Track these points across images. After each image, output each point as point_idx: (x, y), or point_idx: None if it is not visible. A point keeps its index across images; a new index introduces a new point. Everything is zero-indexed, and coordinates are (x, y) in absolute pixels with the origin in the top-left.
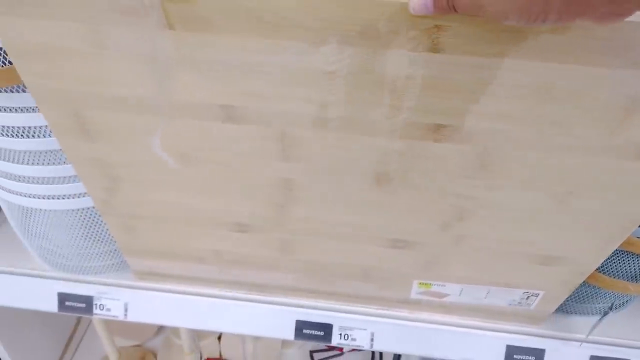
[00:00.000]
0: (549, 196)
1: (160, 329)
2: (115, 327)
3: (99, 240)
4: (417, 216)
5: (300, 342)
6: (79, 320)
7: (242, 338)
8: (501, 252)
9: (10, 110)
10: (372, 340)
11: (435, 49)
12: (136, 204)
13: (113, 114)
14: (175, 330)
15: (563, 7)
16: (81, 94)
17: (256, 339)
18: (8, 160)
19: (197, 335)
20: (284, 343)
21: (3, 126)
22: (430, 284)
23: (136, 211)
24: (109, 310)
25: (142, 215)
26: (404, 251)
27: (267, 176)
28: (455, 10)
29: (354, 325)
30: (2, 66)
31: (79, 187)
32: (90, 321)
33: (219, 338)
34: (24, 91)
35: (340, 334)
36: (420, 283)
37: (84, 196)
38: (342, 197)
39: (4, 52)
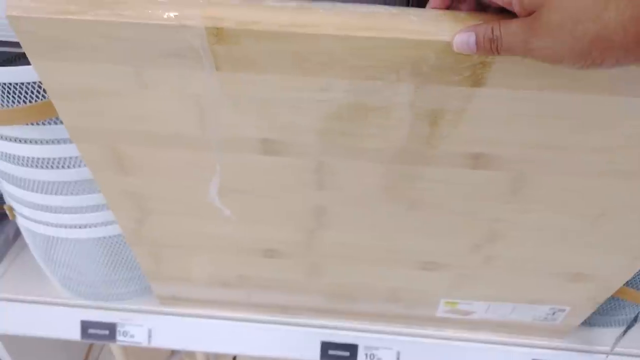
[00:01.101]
0: (581, 218)
1: (174, 351)
2: (129, 350)
3: (122, 267)
4: (449, 239)
5: None
6: (91, 344)
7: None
8: (529, 271)
9: (39, 142)
10: (397, 358)
11: (478, 83)
12: (165, 233)
13: (150, 150)
14: (190, 353)
15: (622, 53)
16: (119, 131)
17: None
18: (34, 191)
19: (212, 357)
20: None
21: (32, 157)
22: (457, 302)
23: (165, 240)
24: (132, 336)
25: (171, 244)
26: (433, 272)
27: (300, 204)
28: (499, 52)
29: (379, 344)
30: (36, 100)
31: (104, 215)
32: (103, 345)
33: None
34: (55, 123)
35: (366, 354)
36: (446, 302)
37: (108, 225)
38: (374, 221)
39: (37, 86)
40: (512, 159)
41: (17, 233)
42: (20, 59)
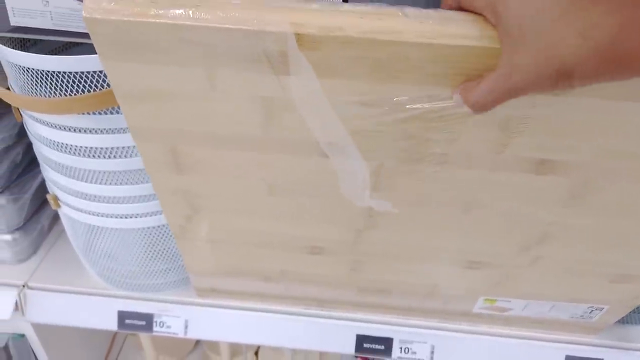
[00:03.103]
0: (635, 222)
1: (197, 344)
2: (155, 339)
3: (161, 258)
4: (499, 240)
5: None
6: (115, 334)
7: (280, 352)
8: (575, 271)
9: (89, 131)
10: (432, 352)
11: (554, 92)
12: (213, 230)
13: (209, 150)
14: (212, 346)
15: (589, 81)
16: (181, 132)
17: (294, 352)
18: (81, 180)
19: (233, 350)
20: (323, 356)
21: (82, 147)
22: (495, 299)
23: (212, 236)
24: (169, 327)
25: (217, 240)
26: (477, 271)
27: (353, 205)
28: (493, 106)
29: (414, 338)
30: (92, 90)
31: (147, 206)
32: (126, 337)
33: (256, 353)
34: (106, 113)
35: (401, 348)
36: (485, 299)
37: (151, 215)
38: (425, 223)
39: (92, 76)
40: (576, 165)
41: (52, 223)
42: (69, 48)
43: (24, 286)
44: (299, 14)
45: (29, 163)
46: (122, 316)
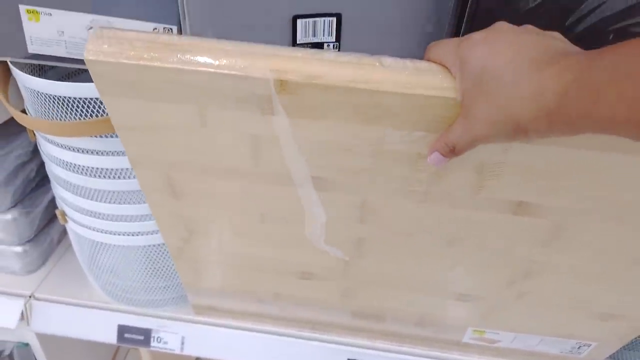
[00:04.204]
0: (616, 263)
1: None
2: (156, 354)
3: (161, 275)
4: (485, 274)
5: None
6: (118, 347)
7: None
8: (561, 307)
9: (96, 153)
10: None
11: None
12: (208, 252)
13: (203, 179)
14: None
15: (541, 135)
16: (176, 162)
17: None
18: (87, 198)
19: None
20: None
21: (89, 167)
22: (484, 331)
23: (208, 258)
24: (166, 343)
25: (213, 261)
26: (465, 303)
27: (341, 235)
28: (460, 154)
29: None
30: (99, 115)
31: (148, 225)
32: (129, 350)
33: None
34: (112, 136)
35: None
36: (474, 330)
37: (152, 234)
38: (412, 254)
39: (100, 102)
40: (552, 207)
41: (61, 237)
42: (79, 74)
43: (30, 297)
44: (283, 62)
45: (42, 178)
46: (122, 330)
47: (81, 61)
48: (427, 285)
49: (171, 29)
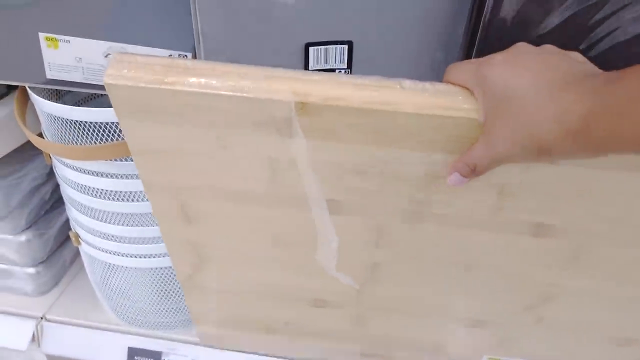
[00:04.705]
0: (636, 286)
1: None
2: None
3: (171, 297)
4: (502, 299)
5: None
6: None
7: None
8: (578, 333)
9: (109, 176)
10: None
11: (550, 160)
12: (218, 279)
13: (217, 204)
14: None
15: (565, 157)
16: (190, 187)
17: None
18: (100, 220)
19: None
20: None
21: (102, 189)
22: (499, 359)
23: (218, 285)
24: None
25: (223, 289)
26: (481, 330)
27: (356, 260)
28: (481, 174)
29: None
30: (113, 140)
31: (159, 247)
32: None
33: None
34: (126, 160)
35: None
36: (490, 358)
37: (163, 256)
38: (428, 279)
39: (115, 126)
40: (572, 229)
41: (73, 259)
42: (94, 99)
43: (42, 318)
44: (302, 84)
45: (56, 200)
46: (132, 353)
47: (98, 86)
48: (442, 310)
49: (186, 55)
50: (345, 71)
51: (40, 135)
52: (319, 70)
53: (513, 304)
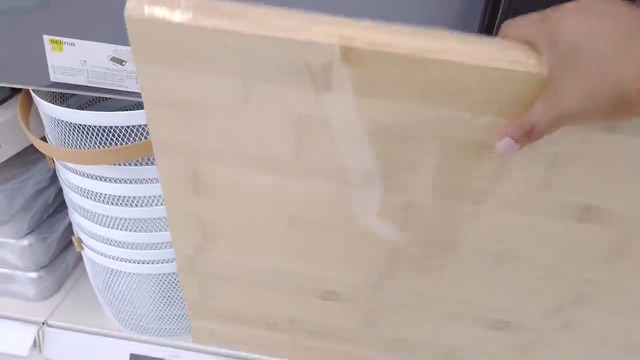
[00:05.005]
0: None
1: None
2: None
3: (174, 303)
4: (530, 297)
5: None
6: None
7: None
8: (608, 342)
9: (114, 181)
10: None
11: (611, 129)
12: (222, 263)
13: (234, 171)
14: None
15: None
16: (206, 148)
17: None
18: (103, 225)
19: None
20: None
21: (106, 194)
22: None
23: (219, 271)
24: None
25: (225, 276)
26: (501, 333)
27: (377, 244)
28: (539, 138)
29: None
30: (121, 143)
31: (163, 253)
32: None
33: None
34: (130, 164)
35: None
36: None
37: (166, 262)
38: (452, 271)
39: (124, 129)
40: (624, 214)
41: (76, 263)
42: (98, 102)
43: (43, 323)
44: (348, 28)
45: (60, 204)
46: (134, 359)
47: (102, 90)
48: (463, 309)
49: None
50: None
51: (44, 138)
52: None
53: (540, 303)
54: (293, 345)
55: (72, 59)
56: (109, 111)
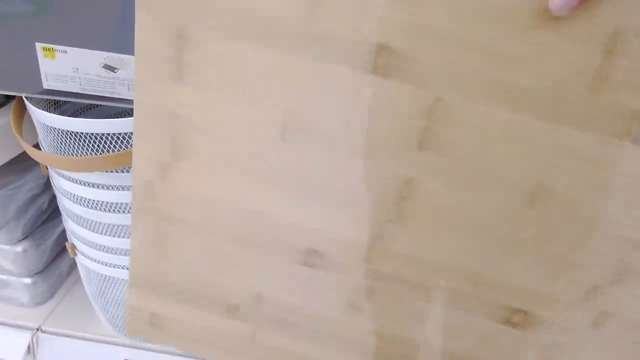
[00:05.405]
0: None
1: None
2: None
3: None
4: (560, 269)
5: None
6: None
7: None
8: None
9: (106, 187)
10: None
11: None
12: (186, 197)
13: (225, 36)
14: None
15: None
16: (200, 3)
17: None
18: (96, 232)
19: None
20: None
21: (98, 201)
22: None
23: (180, 211)
24: None
25: (186, 220)
26: (516, 332)
27: (386, 171)
28: None
29: None
30: (113, 150)
31: None
32: None
33: None
34: (122, 172)
35: None
36: None
37: None
38: (472, 220)
39: (116, 136)
40: None
41: (70, 270)
42: (91, 109)
43: (37, 329)
44: None
45: (53, 211)
46: None
47: (95, 97)
48: (472, 288)
49: None
50: None
51: (37, 145)
52: None
53: (574, 279)
54: (253, 344)
55: (65, 66)
56: (102, 118)
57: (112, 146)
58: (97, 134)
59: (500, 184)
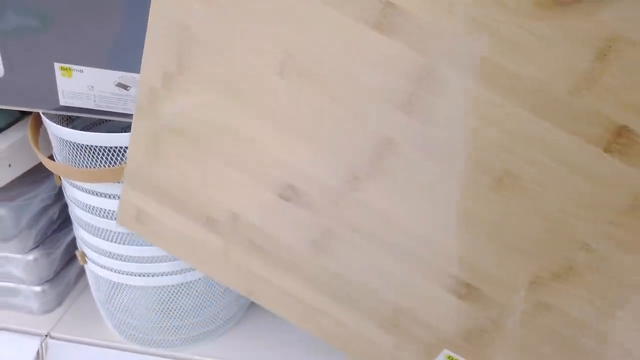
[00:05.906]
0: None
1: None
2: None
3: (174, 315)
4: (510, 254)
5: None
6: None
7: None
8: (582, 348)
9: (116, 197)
10: None
11: None
12: (186, 107)
13: None
14: None
15: None
16: None
17: None
18: (107, 239)
19: None
20: None
21: (109, 210)
22: None
23: (179, 121)
24: None
25: (183, 131)
26: (459, 302)
27: (363, 138)
28: None
29: None
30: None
31: (162, 266)
32: None
33: None
34: None
35: None
36: (448, 356)
37: (165, 275)
38: (439, 185)
39: (119, 150)
40: None
41: (78, 277)
42: (102, 123)
43: (46, 336)
44: None
45: (64, 221)
46: None
47: (108, 113)
48: (428, 253)
49: None
50: None
51: (51, 157)
52: None
53: (522, 270)
54: (225, 258)
55: (80, 84)
56: (114, 132)
57: (122, 158)
58: (109, 147)
59: (471, 163)
